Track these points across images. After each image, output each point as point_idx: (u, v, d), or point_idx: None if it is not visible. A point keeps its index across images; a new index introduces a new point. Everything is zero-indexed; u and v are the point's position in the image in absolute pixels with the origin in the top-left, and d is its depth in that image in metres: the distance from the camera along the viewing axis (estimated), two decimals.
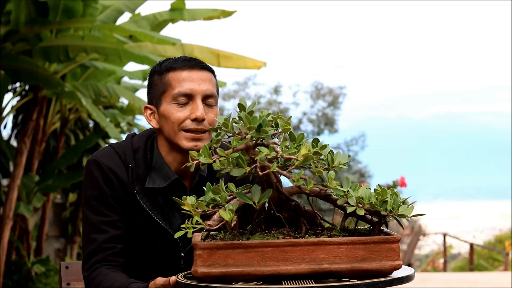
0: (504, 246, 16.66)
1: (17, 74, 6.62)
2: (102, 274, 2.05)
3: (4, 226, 6.86)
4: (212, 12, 7.27)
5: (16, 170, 6.90)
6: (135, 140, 2.20)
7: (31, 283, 7.67)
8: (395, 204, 1.75)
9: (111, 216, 2.11)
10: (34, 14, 6.27)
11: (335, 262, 1.71)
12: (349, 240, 1.72)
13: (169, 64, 2.15)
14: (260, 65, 7.21)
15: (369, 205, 1.74)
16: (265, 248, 1.71)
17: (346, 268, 1.72)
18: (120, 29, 6.60)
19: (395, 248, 1.73)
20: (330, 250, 1.71)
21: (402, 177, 7.54)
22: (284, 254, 1.71)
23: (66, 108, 8.18)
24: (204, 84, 2.12)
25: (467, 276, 11.56)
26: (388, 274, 1.74)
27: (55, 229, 10.17)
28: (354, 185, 1.78)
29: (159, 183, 2.13)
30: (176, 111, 2.11)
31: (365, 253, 1.72)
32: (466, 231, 43.82)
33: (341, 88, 27.89)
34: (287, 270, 1.71)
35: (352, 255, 1.72)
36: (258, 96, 27.99)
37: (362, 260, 1.72)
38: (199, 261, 1.73)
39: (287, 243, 1.72)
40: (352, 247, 1.72)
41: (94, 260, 2.08)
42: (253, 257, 1.71)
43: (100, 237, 2.09)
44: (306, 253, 1.71)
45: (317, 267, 1.71)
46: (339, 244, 1.72)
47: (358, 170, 27.32)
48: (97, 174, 2.12)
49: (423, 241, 22.98)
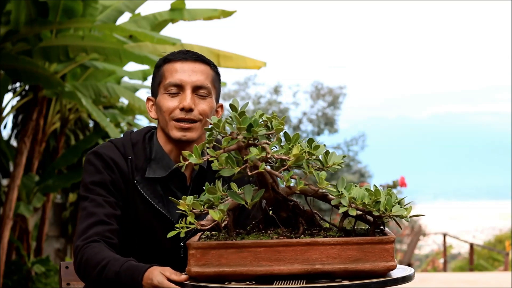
0: (504, 246, 16.66)
1: (17, 74, 6.62)
2: (100, 247, 2.04)
3: (4, 226, 6.85)
4: (212, 12, 7.27)
5: (16, 170, 6.90)
6: (133, 135, 2.25)
7: (31, 283, 7.66)
8: (388, 204, 1.72)
9: (110, 198, 2.13)
10: (34, 14, 6.27)
11: (328, 262, 1.71)
12: (342, 241, 1.71)
13: (166, 56, 2.23)
14: (260, 65, 7.20)
15: (362, 205, 1.73)
16: (258, 248, 1.72)
17: (339, 269, 1.71)
18: (120, 29, 6.60)
19: (388, 248, 1.71)
20: (323, 251, 1.71)
21: (402, 177, 7.54)
22: (277, 254, 1.71)
23: (66, 108, 8.17)
24: (195, 75, 2.17)
25: (467, 276, 11.55)
26: (382, 275, 1.73)
27: (55, 229, 10.17)
28: (349, 185, 1.77)
29: (159, 173, 2.16)
30: (167, 101, 2.17)
31: (358, 253, 1.71)
32: (466, 231, 43.80)
33: (341, 88, 27.89)
34: (280, 270, 1.71)
35: (345, 255, 1.71)
36: (258, 96, 28.00)
37: (355, 260, 1.71)
38: (193, 261, 1.75)
39: (280, 243, 1.72)
40: (345, 248, 1.71)
41: (93, 232, 2.07)
42: (246, 257, 1.72)
43: (101, 211, 2.10)
44: (299, 253, 1.71)
45: (310, 267, 1.71)
46: (332, 245, 1.71)
47: (358, 170, 27.32)
48: (97, 162, 2.15)
49: (423, 241, 22.98)
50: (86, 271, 2.04)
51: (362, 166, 27.85)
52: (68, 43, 6.35)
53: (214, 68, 2.25)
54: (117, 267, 1.98)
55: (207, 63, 2.23)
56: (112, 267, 1.98)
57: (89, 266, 2.03)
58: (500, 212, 71.86)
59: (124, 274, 1.96)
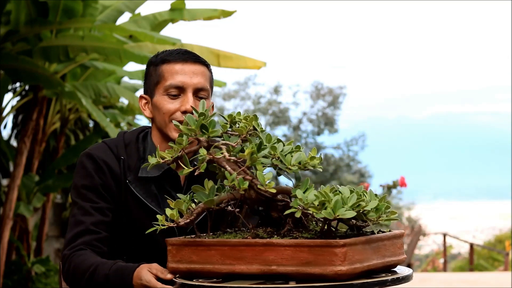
0: (504, 246, 16.67)
1: (17, 74, 6.62)
2: (87, 254, 2.07)
3: (4, 226, 6.85)
4: (212, 12, 7.27)
5: (16, 170, 6.90)
6: (126, 135, 2.25)
7: (31, 283, 7.67)
8: (336, 207, 1.66)
9: (100, 203, 2.14)
10: (34, 14, 6.27)
11: (283, 264, 1.69)
12: (294, 243, 1.69)
13: (164, 56, 2.21)
14: (260, 65, 7.20)
15: (313, 208, 1.68)
16: (223, 247, 1.74)
17: (292, 271, 1.69)
18: (120, 29, 6.60)
19: (338, 253, 1.65)
20: (278, 252, 1.70)
21: (402, 177, 7.55)
22: (239, 253, 1.73)
23: (66, 108, 8.17)
24: (196, 77, 2.18)
25: (467, 276, 11.56)
26: (331, 279, 1.67)
27: (55, 229, 10.17)
28: (310, 188, 1.73)
29: (153, 172, 2.17)
30: (168, 102, 2.17)
31: (309, 256, 1.67)
32: (466, 231, 43.82)
33: (341, 88, 27.92)
34: (240, 270, 1.73)
35: (298, 257, 1.68)
36: (258, 96, 28.02)
37: (306, 263, 1.67)
38: (170, 257, 1.83)
39: (241, 243, 1.73)
40: (298, 250, 1.68)
41: (80, 242, 2.10)
42: (213, 255, 1.75)
43: (88, 220, 2.11)
44: (257, 254, 1.71)
45: (267, 268, 1.70)
46: (286, 246, 1.69)
47: (358, 170, 27.33)
48: (89, 164, 2.16)
49: (423, 241, 23.00)
50: (75, 278, 2.07)
51: (362, 166, 27.86)
52: (68, 43, 6.35)
53: (210, 68, 2.26)
54: (106, 270, 2.00)
55: (205, 64, 2.23)
56: (101, 271, 2.01)
57: (78, 273, 2.05)
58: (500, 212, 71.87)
59: (113, 276, 1.99)
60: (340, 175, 26.23)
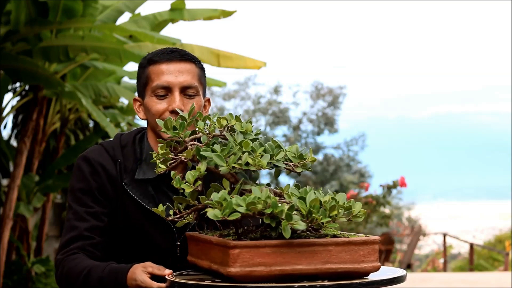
0: (504, 246, 16.66)
1: (17, 74, 6.62)
2: (80, 258, 2.08)
3: (4, 226, 6.85)
4: (212, 12, 7.27)
5: (16, 170, 6.90)
6: (123, 137, 2.26)
7: (31, 283, 7.67)
8: (268, 209, 1.64)
9: (95, 208, 2.14)
10: (34, 14, 6.27)
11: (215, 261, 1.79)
12: (209, 240, 1.80)
13: (151, 57, 2.22)
14: (260, 65, 7.20)
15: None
16: (207, 244, 1.83)
17: (208, 266, 1.81)
18: (120, 29, 6.60)
19: (230, 254, 1.65)
20: (207, 249, 1.85)
21: (402, 177, 7.55)
22: (208, 250, 1.83)
23: (66, 108, 8.17)
24: (182, 75, 2.17)
25: (467, 276, 11.56)
26: (227, 279, 1.69)
27: (55, 229, 10.17)
28: (262, 192, 1.70)
29: (149, 174, 2.17)
30: (156, 103, 2.17)
31: (221, 255, 1.74)
32: (466, 231, 43.79)
33: (341, 88, 27.89)
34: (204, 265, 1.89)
35: (211, 255, 1.80)
36: (258, 96, 28.01)
37: (220, 263, 1.73)
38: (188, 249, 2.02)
39: (207, 240, 1.83)
40: (210, 248, 1.81)
41: (73, 247, 2.10)
42: (201, 249, 1.87)
43: (82, 225, 2.12)
44: (206, 251, 1.83)
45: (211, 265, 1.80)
46: (214, 244, 1.78)
47: (358, 170, 27.32)
48: (85, 168, 2.17)
49: (423, 241, 22.96)
50: (68, 282, 2.07)
51: (362, 166, 27.85)
52: (68, 43, 6.35)
53: (199, 64, 2.24)
54: (99, 273, 2.01)
55: (192, 61, 2.22)
56: (95, 274, 2.01)
57: (71, 277, 2.06)
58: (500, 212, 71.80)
59: (107, 278, 2.00)
60: (340, 175, 26.23)
